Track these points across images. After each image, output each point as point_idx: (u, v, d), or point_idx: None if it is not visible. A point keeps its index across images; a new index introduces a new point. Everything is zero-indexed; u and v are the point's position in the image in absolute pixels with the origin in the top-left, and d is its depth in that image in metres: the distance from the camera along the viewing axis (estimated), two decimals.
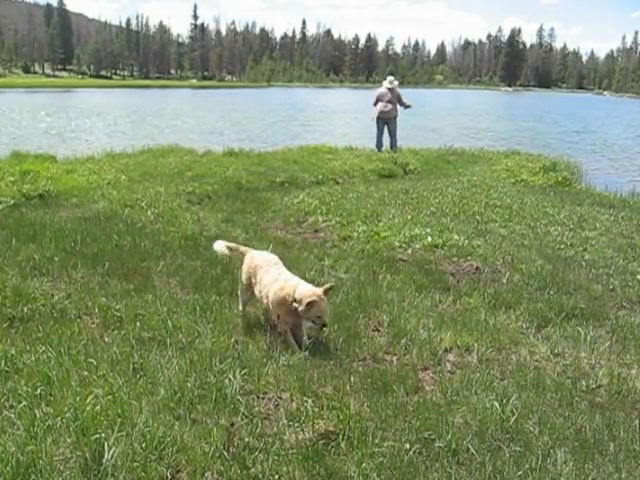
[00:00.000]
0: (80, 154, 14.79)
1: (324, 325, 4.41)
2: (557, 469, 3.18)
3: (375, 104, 16.71)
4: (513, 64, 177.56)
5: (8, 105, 44.74)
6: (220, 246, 5.16)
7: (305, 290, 4.35)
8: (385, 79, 17.26)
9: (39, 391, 3.51)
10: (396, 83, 16.98)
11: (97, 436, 3.02)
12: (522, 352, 4.69)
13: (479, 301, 5.80)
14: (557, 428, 3.57)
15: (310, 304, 4.26)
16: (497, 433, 3.47)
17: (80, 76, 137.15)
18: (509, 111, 59.93)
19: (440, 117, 43.24)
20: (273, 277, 4.59)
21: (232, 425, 3.24)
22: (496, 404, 3.70)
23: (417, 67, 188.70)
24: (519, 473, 3.13)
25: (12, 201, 9.13)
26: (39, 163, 12.35)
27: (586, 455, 3.33)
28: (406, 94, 17.06)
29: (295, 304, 4.32)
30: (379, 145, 16.94)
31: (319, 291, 4.34)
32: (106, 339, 4.42)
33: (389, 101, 16.39)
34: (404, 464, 3.11)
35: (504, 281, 6.41)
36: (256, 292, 4.76)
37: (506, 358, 4.57)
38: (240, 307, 5.05)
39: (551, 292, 6.10)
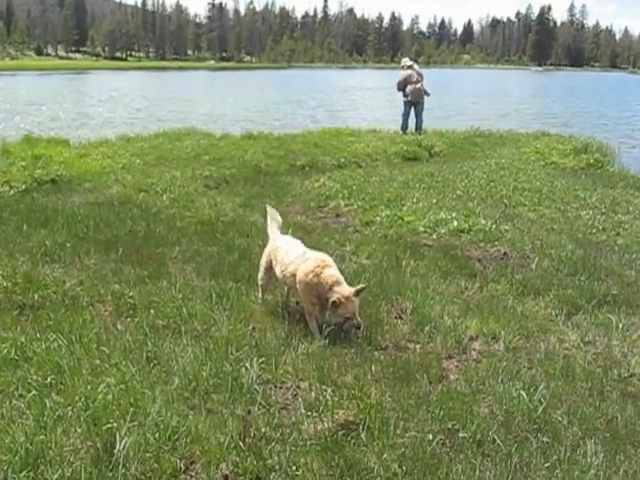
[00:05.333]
0: (94, 138, 14.62)
1: (358, 327, 4.32)
2: (587, 461, 3.09)
3: (402, 88, 16.41)
4: (543, 43, 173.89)
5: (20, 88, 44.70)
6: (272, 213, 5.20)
7: (338, 292, 4.25)
8: (401, 61, 17.07)
9: (49, 380, 3.47)
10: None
11: (109, 426, 2.98)
12: (551, 340, 4.58)
13: (507, 288, 5.67)
14: (587, 418, 3.48)
15: (335, 305, 4.20)
16: (524, 423, 3.39)
17: (94, 58, 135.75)
18: (557, 92, 57.40)
19: (492, 100, 41.77)
20: (296, 255, 4.55)
21: (249, 414, 3.17)
22: (523, 393, 3.61)
23: (443, 47, 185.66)
24: (547, 465, 3.04)
25: (23, 186, 9.05)
26: (51, 147, 12.19)
27: (617, 446, 3.24)
28: (432, 75, 16.78)
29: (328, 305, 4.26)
30: (404, 127, 16.69)
31: (347, 292, 4.25)
32: (119, 327, 4.38)
33: (417, 81, 16.14)
34: (427, 455, 3.04)
35: (533, 267, 6.28)
36: (277, 273, 4.70)
37: (534, 346, 4.46)
38: (259, 294, 4.99)
39: (582, 278, 5.95)
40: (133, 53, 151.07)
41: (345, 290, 4.27)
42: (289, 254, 4.61)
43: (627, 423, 3.47)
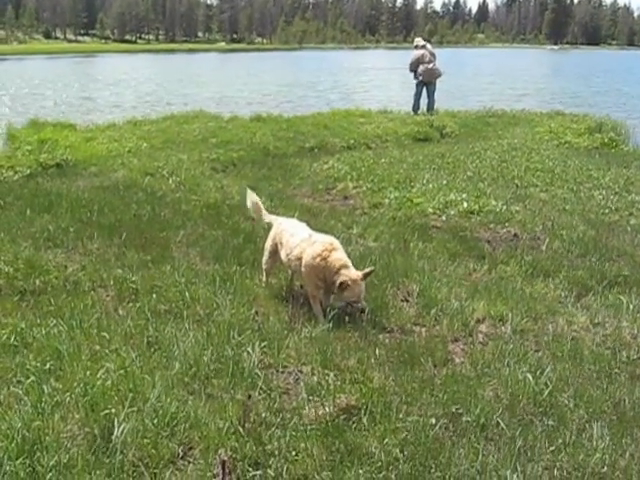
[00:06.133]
0: (101, 122, 14.61)
1: (362, 311, 4.31)
2: (592, 444, 3.04)
3: (415, 68, 16.19)
4: (559, 21, 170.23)
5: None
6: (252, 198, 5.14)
7: (345, 274, 4.22)
8: (413, 41, 16.89)
9: (48, 366, 3.46)
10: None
11: (107, 412, 2.97)
12: (559, 322, 4.51)
13: (516, 269, 5.60)
14: (594, 401, 3.43)
15: (342, 286, 4.17)
16: (529, 407, 3.35)
17: (103, 41, 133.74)
18: (574, 71, 54.58)
19: (509, 79, 40.26)
20: (301, 238, 4.51)
21: (249, 399, 3.14)
22: (529, 376, 3.56)
23: (457, 26, 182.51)
24: (551, 448, 3.00)
25: (28, 171, 9.04)
26: (57, 131, 12.20)
27: (624, 429, 3.19)
28: (446, 55, 16.51)
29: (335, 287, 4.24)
30: (416, 108, 16.49)
31: (355, 275, 4.22)
32: (120, 312, 4.36)
33: (430, 61, 15.91)
34: (429, 440, 3.00)
35: (543, 248, 6.20)
36: (282, 256, 4.67)
37: (542, 328, 4.40)
38: (264, 277, 4.96)
39: (593, 259, 5.87)
40: (143, 36, 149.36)
41: (353, 273, 4.23)
42: (294, 237, 4.57)
43: (634, 406, 3.41)
